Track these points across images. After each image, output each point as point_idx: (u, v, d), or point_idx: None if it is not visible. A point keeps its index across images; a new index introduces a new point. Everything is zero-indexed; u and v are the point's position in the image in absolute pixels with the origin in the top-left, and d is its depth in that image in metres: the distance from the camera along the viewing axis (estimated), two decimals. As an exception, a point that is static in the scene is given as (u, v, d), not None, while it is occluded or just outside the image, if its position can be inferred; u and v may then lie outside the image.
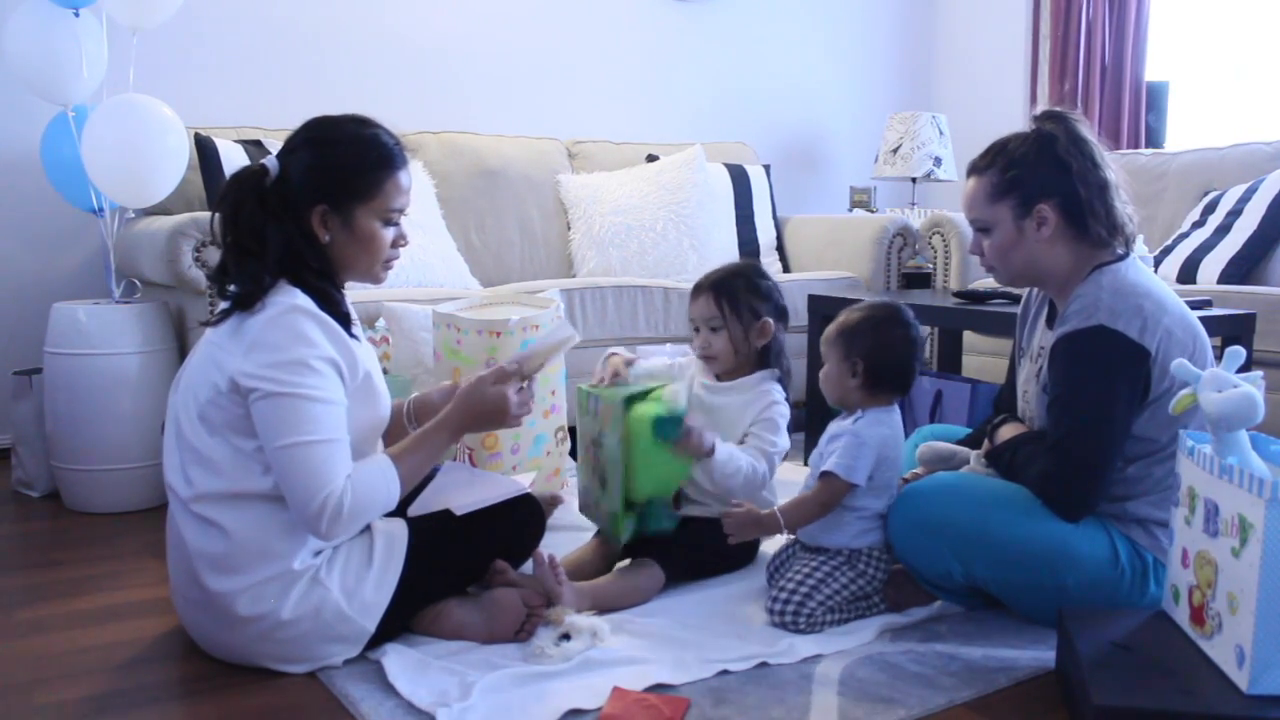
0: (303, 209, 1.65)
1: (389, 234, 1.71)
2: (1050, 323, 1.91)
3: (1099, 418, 1.70)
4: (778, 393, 2.09)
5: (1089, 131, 1.82)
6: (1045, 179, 1.79)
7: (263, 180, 1.65)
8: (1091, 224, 1.77)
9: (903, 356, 1.88)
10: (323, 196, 1.65)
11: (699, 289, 2.11)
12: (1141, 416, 1.73)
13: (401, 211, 1.73)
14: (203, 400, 1.61)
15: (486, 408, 1.75)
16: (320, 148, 1.67)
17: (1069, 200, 1.78)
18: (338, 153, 1.67)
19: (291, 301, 1.60)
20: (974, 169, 1.87)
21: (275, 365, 1.56)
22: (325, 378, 1.59)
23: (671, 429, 1.82)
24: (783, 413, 2.07)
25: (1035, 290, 2.01)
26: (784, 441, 2.05)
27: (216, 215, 1.66)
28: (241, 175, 1.66)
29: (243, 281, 1.62)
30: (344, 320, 1.68)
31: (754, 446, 2.00)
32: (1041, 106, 4.57)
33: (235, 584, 1.59)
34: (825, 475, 1.84)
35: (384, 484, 1.63)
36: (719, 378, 2.11)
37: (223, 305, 1.65)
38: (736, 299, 2.06)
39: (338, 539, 1.63)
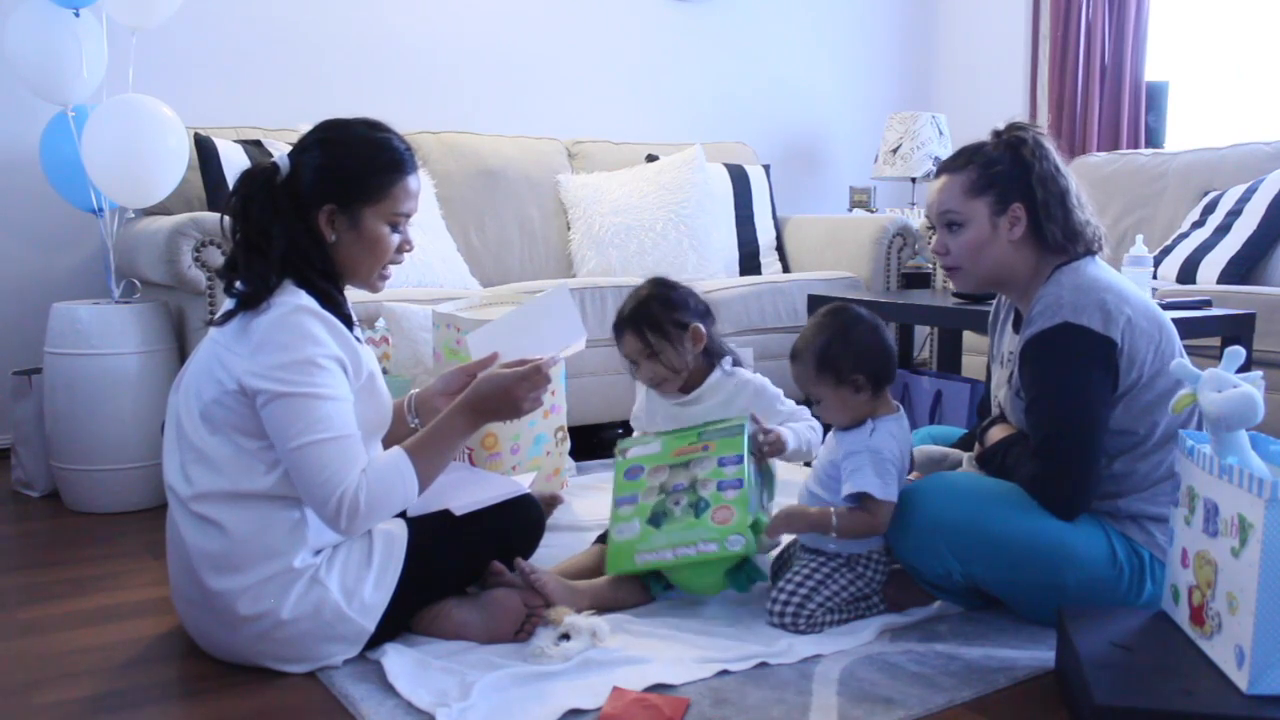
0: (311, 208, 1.66)
1: (395, 238, 1.72)
2: (1017, 328, 1.93)
3: (1077, 412, 1.71)
4: (747, 373, 2.10)
5: (1050, 141, 1.86)
6: (1018, 180, 1.82)
7: (274, 177, 1.66)
8: (1048, 227, 1.80)
9: (884, 344, 1.86)
10: (332, 196, 1.66)
11: (619, 328, 2.08)
12: (1115, 410, 1.74)
13: (408, 217, 1.73)
14: (206, 399, 1.61)
15: (497, 391, 1.73)
16: (331, 148, 1.68)
17: (1033, 203, 1.81)
18: (349, 154, 1.68)
19: (297, 302, 1.61)
20: (946, 168, 1.89)
21: (283, 366, 1.56)
22: (333, 375, 1.60)
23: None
24: (772, 389, 2.09)
25: (1004, 297, 2.03)
26: (792, 406, 2.12)
27: (226, 210, 1.67)
28: (253, 172, 1.68)
29: (250, 280, 1.63)
30: (347, 321, 1.69)
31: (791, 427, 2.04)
32: (1043, 107, 4.61)
33: (235, 583, 1.59)
34: (866, 499, 1.79)
35: (399, 476, 1.63)
36: (682, 391, 2.10)
37: (227, 305, 1.66)
38: (658, 323, 2.04)
39: (361, 532, 1.65)
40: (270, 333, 1.58)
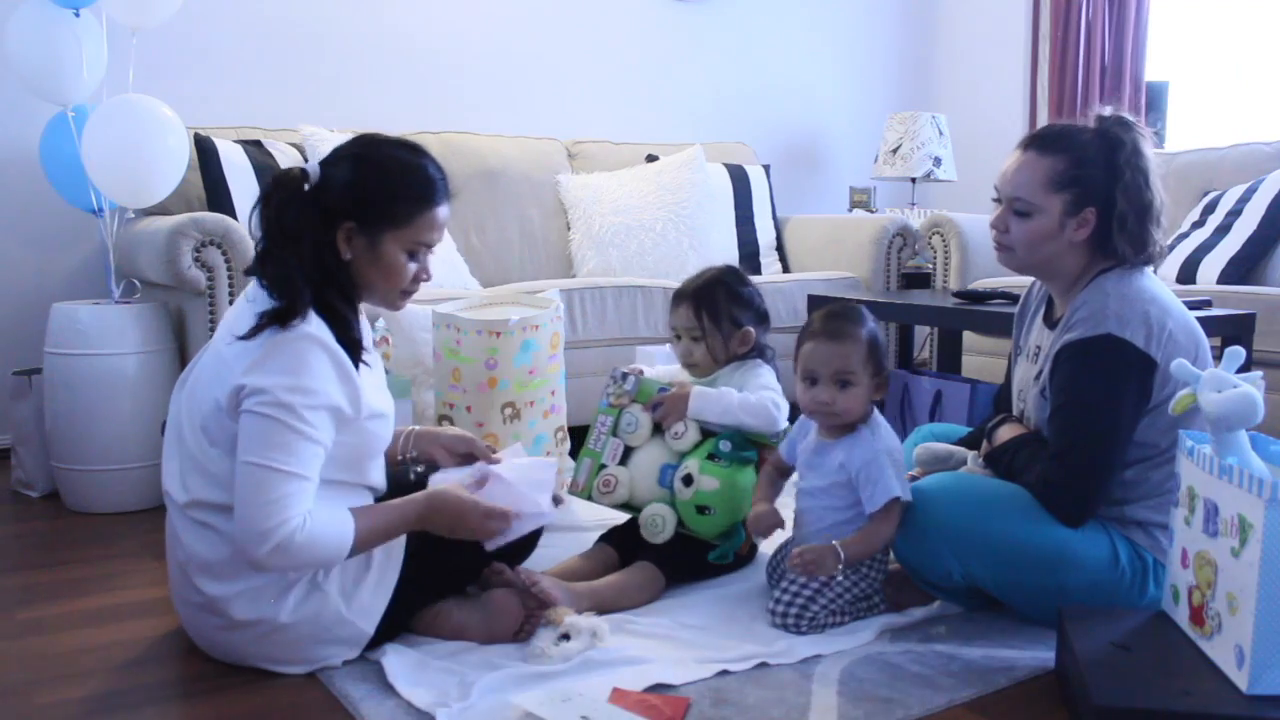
0: (333, 222, 1.62)
1: (411, 267, 1.68)
2: (1048, 321, 1.91)
3: (1104, 426, 1.69)
4: (763, 369, 2.07)
5: (1149, 147, 1.78)
6: (1102, 183, 1.76)
7: (302, 185, 1.62)
8: (1119, 240, 1.75)
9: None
10: (354, 214, 1.62)
11: (680, 297, 2.10)
12: (1142, 422, 1.72)
13: (429, 247, 1.70)
14: (206, 411, 1.60)
15: (452, 515, 1.66)
16: (363, 166, 1.64)
17: (1109, 210, 1.75)
18: (379, 175, 1.64)
19: (309, 330, 1.56)
20: (1034, 146, 1.80)
21: (276, 388, 1.52)
22: (320, 417, 1.56)
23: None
24: (770, 380, 2.04)
25: (1036, 287, 2.01)
26: (776, 386, 2.04)
27: (255, 214, 1.62)
28: (282, 177, 1.63)
29: (285, 293, 1.56)
30: (357, 346, 1.64)
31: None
32: (1042, 107, 4.60)
33: (231, 588, 1.58)
34: (896, 501, 1.77)
35: (337, 534, 1.56)
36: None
37: (253, 319, 1.57)
38: (717, 309, 2.05)
39: (274, 572, 1.56)
40: (273, 352, 1.54)
